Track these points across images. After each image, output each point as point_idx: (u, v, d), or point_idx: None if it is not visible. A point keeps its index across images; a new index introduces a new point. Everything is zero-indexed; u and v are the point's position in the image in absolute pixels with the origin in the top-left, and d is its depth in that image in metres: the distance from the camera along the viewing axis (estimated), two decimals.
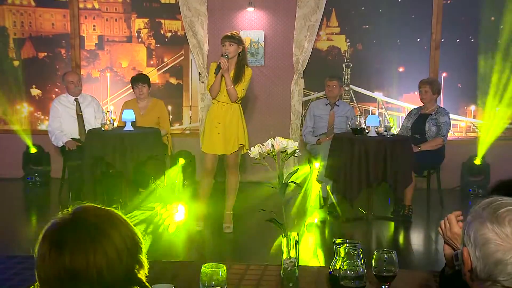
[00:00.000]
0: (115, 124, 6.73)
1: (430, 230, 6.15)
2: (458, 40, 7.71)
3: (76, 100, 6.80)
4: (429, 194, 6.48)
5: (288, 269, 2.38)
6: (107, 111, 6.33)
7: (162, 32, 8.02)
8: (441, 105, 7.60)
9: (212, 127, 5.57)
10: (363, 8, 7.80)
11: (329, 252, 4.73)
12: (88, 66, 8.08)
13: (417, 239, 6.00)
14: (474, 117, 7.76)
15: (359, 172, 5.89)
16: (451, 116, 7.59)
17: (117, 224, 1.49)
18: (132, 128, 6.26)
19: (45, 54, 8.14)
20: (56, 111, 6.75)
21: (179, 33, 7.95)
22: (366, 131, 6.09)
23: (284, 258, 2.40)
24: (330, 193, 6.33)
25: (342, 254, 2.28)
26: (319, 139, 6.75)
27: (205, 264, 2.07)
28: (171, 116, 7.93)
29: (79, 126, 6.74)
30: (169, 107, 7.94)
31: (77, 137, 6.68)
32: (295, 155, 2.55)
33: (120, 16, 8.03)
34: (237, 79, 5.50)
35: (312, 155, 6.86)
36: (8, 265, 4.70)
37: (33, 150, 7.74)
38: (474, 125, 7.77)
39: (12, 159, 7.82)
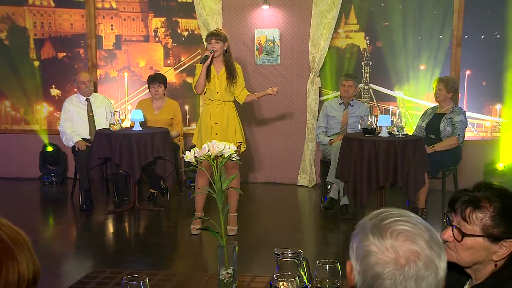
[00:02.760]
0: (128, 124, 6.84)
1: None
2: (483, 37, 7.51)
3: (87, 100, 6.89)
4: (444, 197, 6.33)
5: (225, 280, 2.34)
6: (116, 111, 6.38)
7: (179, 31, 8.08)
8: (465, 104, 7.47)
9: (208, 127, 5.55)
10: (382, 4, 7.68)
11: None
12: (106, 66, 8.20)
13: None
14: (500, 116, 7.54)
15: (369, 174, 5.80)
16: (476, 115, 7.47)
17: (23, 247, 1.33)
18: (140, 128, 6.33)
19: (64, 54, 8.30)
20: (68, 111, 6.87)
21: (196, 32, 7.99)
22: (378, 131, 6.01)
23: (221, 268, 2.36)
24: (341, 195, 6.26)
25: (280, 263, 2.23)
26: (331, 139, 6.68)
27: (126, 277, 2.04)
28: (188, 116, 7.99)
29: (89, 126, 6.83)
30: (186, 107, 7.99)
31: (88, 137, 6.77)
32: (233, 159, 2.50)
33: (137, 16, 8.12)
34: (230, 77, 5.51)
35: (325, 156, 6.81)
36: None
37: (49, 148, 7.89)
38: (499, 125, 7.55)
39: (31, 159, 8.02)
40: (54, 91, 8.30)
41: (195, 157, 2.43)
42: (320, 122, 6.95)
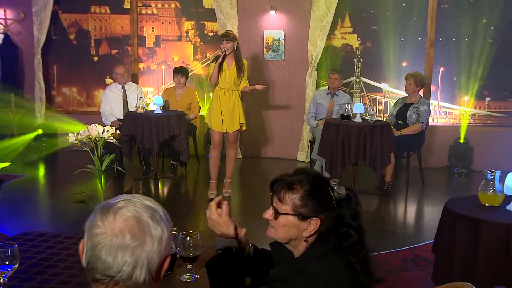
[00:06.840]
0: (152, 108, 6.94)
1: (407, 202, 5.94)
2: (454, 40, 7.25)
3: (123, 88, 7.04)
4: (408, 172, 6.22)
5: None
6: (141, 97, 6.49)
7: (206, 32, 8.14)
8: (439, 95, 7.28)
9: (218, 109, 5.59)
10: (372, 11, 7.52)
11: None
12: (148, 61, 8.35)
13: (393, 211, 5.77)
14: (467, 106, 7.30)
15: (342, 152, 5.79)
16: (447, 105, 7.27)
17: None
18: (160, 111, 6.43)
19: (116, 51, 8.50)
20: (107, 97, 7.04)
21: (219, 33, 7.98)
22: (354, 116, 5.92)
23: None
24: (323, 170, 6.20)
25: None
26: (318, 123, 6.61)
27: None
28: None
29: (124, 109, 6.98)
30: (211, 94, 8.02)
31: (122, 118, 6.90)
32: (111, 141, 2.50)
33: (173, 20, 8.22)
34: (239, 71, 5.51)
35: (313, 136, 6.76)
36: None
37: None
38: (468, 114, 7.30)
39: None
40: (109, 81, 8.50)
41: (78, 138, 2.43)
42: (311, 109, 6.90)
